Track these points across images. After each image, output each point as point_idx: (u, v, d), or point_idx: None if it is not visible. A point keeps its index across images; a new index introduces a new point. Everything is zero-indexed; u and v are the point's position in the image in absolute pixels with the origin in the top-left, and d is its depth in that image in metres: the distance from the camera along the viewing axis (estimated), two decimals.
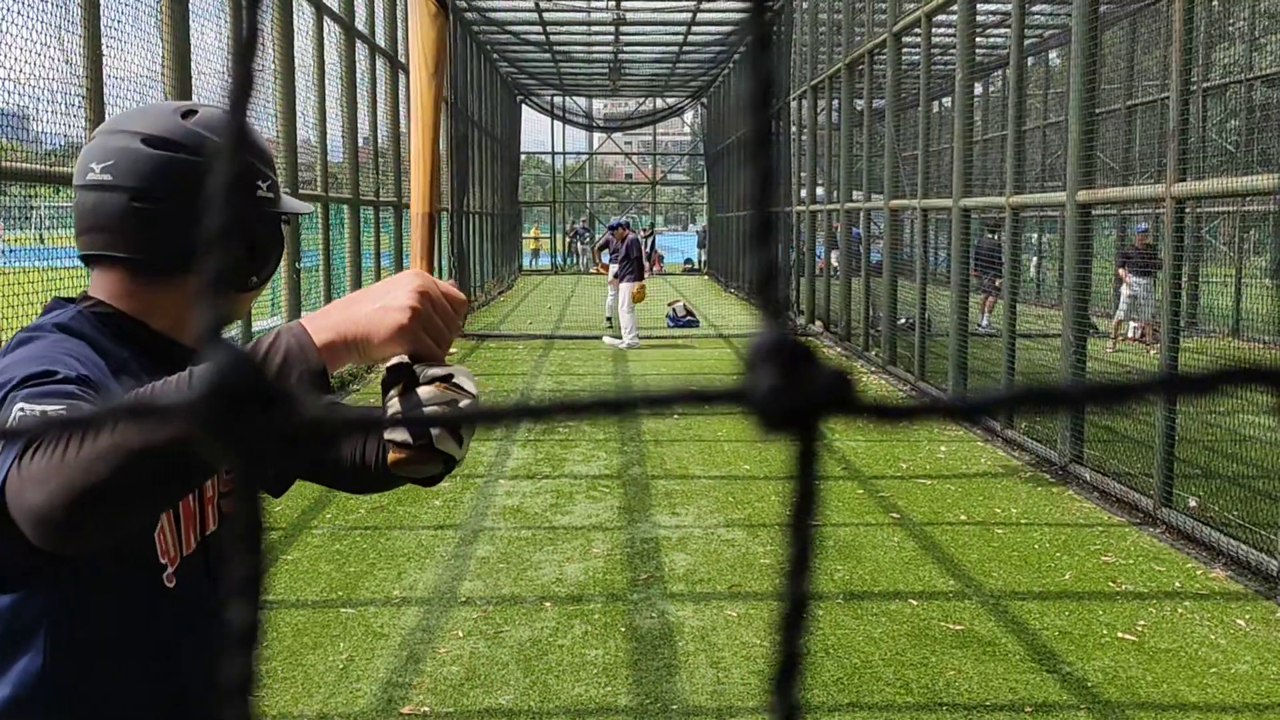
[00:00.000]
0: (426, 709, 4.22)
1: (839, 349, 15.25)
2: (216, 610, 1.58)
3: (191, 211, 1.46)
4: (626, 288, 15.61)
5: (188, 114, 1.50)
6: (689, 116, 43.13)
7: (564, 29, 25.13)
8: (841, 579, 5.66)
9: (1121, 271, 14.64)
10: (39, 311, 1.57)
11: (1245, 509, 6.27)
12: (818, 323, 17.39)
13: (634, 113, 39.29)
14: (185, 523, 1.52)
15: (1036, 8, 18.45)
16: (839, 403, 0.25)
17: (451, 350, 1.44)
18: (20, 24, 5.44)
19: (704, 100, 35.27)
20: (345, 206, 12.58)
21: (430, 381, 1.27)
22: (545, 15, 23.06)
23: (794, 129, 19.22)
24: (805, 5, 18.02)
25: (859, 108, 14.57)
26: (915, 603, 5.35)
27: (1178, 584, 5.65)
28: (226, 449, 0.26)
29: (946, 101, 19.24)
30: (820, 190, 17.34)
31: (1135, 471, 7.17)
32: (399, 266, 15.51)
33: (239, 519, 0.26)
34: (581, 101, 37.86)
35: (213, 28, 8.16)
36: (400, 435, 1.27)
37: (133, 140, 1.46)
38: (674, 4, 21.95)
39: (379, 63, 14.36)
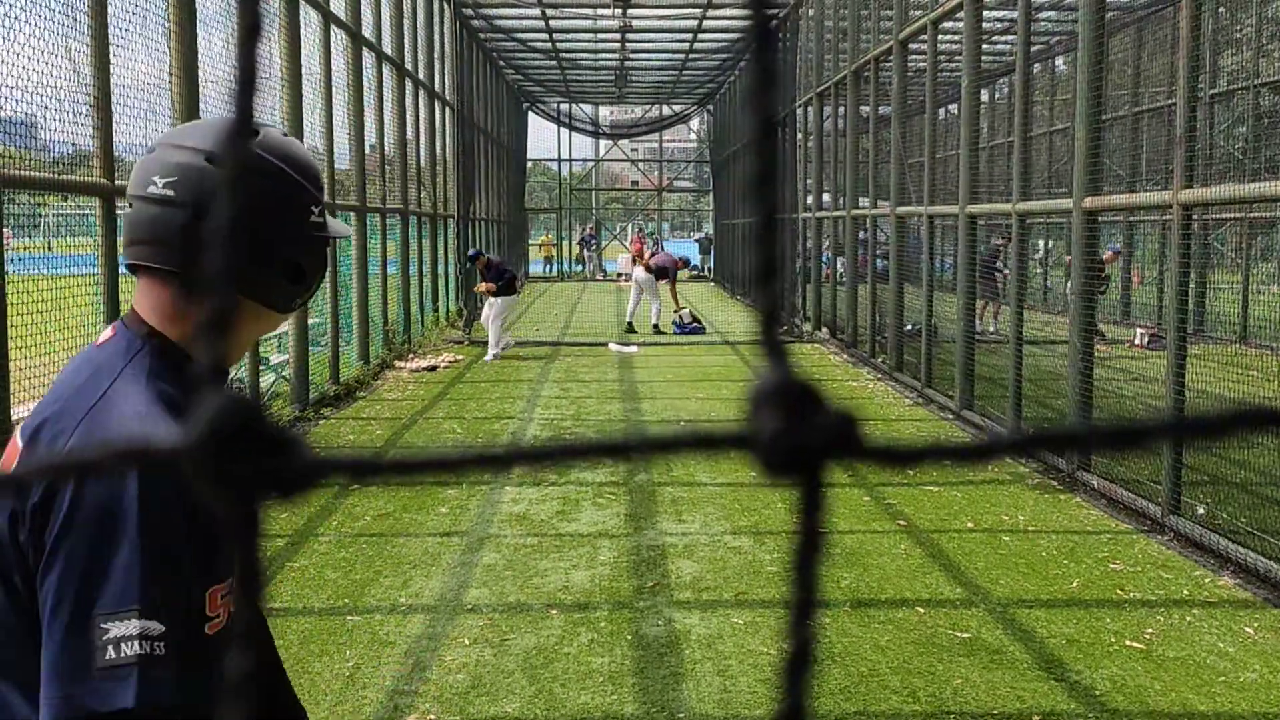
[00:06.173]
0: (432, 717, 4.22)
1: (845, 355, 15.23)
2: None
3: (245, 235, 1.43)
4: (501, 301, 14.97)
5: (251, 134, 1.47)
6: (695, 123, 43.15)
7: (570, 36, 25.16)
8: (848, 586, 5.64)
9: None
10: (46, 319, 1.56)
11: (1254, 516, 6.25)
12: (824, 329, 17.38)
13: (640, 119, 39.31)
14: None
15: (1043, 15, 18.46)
16: (845, 446, 0.25)
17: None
18: (28, 32, 5.46)
19: (710, 107, 35.30)
20: (352, 214, 12.60)
21: None
22: (551, 23, 23.09)
23: (800, 136, 19.23)
24: (812, 13, 18.03)
25: (865, 114, 14.57)
26: (922, 610, 5.34)
27: (1186, 592, 5.63)
28: (222, 493, 0.26)
29: (953, 108, 19.23)
30: (826, 197, 17.33)
31: (1143, 479, 7.15)
32: (404, 273, 15.54)
33: (235, 567, 0.26)
34: (588, 108, 37.90)
35: (220, 35, 8.19)
36: None
37: (196, 158, 1.44)
38: (680, 11, 21.96)
39: (386, 70, 14.38)
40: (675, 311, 18.79)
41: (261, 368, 9.78)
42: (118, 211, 6.36)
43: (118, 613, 1.27)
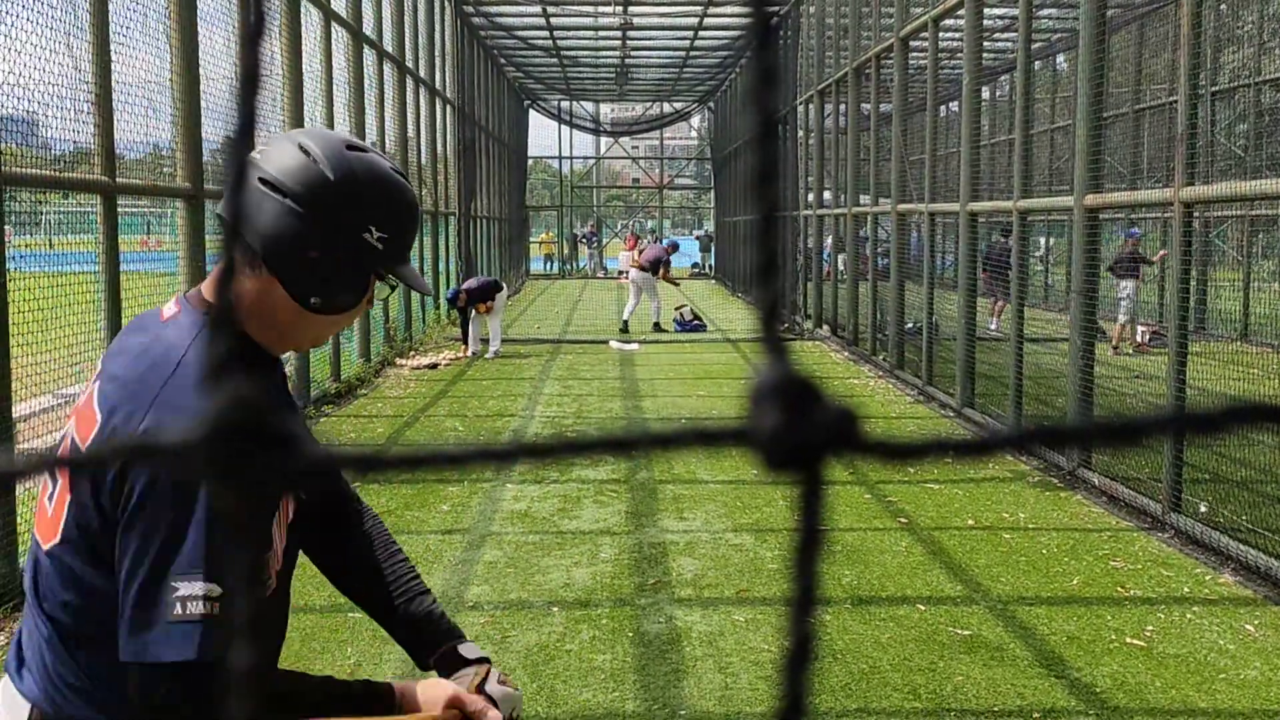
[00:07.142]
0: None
1: (846, 353, 15.23)
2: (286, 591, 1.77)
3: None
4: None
5: (353, 147, 1.65)
6: (696, 120, 43.15)
7: (571, 34, 25.16)
8: (849, 584, 5.65)
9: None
10: (47, 316, 1.60)
11: (1254, 514, 6.26)
12: (825, 326, 17.38)
13: (641, 117, 39.31)
14: (282, 519, 1.65)
15: (1044, 12, 18.45)
16: (845, 441, 0.25)
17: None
18: (29, 29, 5.46)
19: (711, 104, 35.30)
20: None
21: None
22: (552, 20, 23.09)
23: (801, 133, 19.23)
24: (812, 10, 18.02)
25: (866, 112, 14.57)
26: (923, 608, 5.34)
27: (1186, 589, 5.63)
28: (228, 488, 0.26)
29: (954, 106, 19.21)
30: (827, 194, 17.33)
31: (1144, 476, 7.15)
32: None
33: (241, 562, 0.26)
34: (589, 106, 37.89)
35: (221, 32, 8.18)
36: None
37: (314, 165, 1.61)
38: (680, 9, 21.96)
39: (386, 67, 14.38)
40: (676, 309, 18.79)
41: None
42: (119, 209, 6.37)
43: (188, 574, 1.42)
